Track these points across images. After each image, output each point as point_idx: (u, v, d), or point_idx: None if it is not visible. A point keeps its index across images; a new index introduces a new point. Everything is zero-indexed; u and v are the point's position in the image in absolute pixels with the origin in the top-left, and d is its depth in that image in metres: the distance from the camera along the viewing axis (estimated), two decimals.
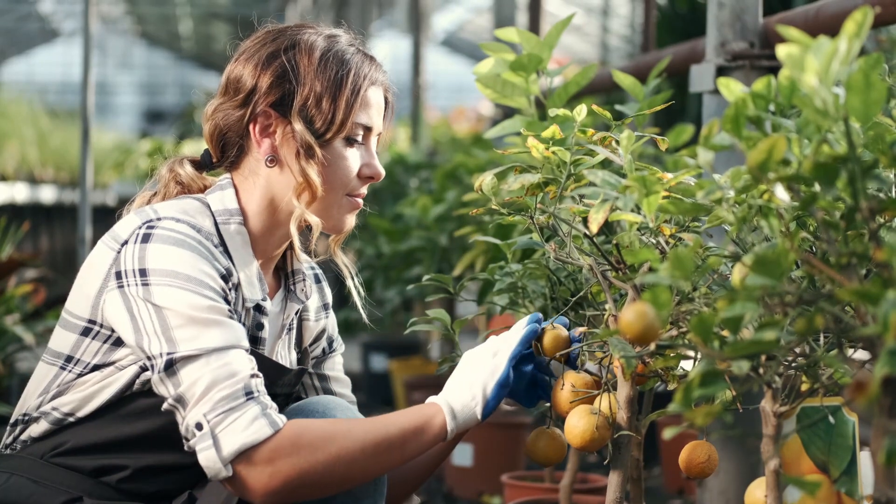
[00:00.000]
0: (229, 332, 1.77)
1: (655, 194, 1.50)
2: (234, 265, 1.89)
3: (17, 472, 1.87)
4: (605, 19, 10.79)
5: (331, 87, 1.90)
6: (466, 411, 1.84)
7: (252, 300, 1.91)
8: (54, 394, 1.87)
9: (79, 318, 1.86)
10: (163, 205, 1.88)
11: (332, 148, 1.90)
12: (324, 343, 2.14)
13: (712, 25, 2.72)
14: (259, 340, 1.94)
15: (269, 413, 1.75)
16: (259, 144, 1.92)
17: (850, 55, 1.24)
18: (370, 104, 1.94)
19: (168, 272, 1.77)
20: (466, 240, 3.41)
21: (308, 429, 1.76)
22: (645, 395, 1.88)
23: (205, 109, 1.97)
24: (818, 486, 1.26)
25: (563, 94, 2.42)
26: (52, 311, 4.44)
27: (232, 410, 1.73)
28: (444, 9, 15.06)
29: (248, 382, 1.75)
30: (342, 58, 1.92)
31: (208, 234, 1.85)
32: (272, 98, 1.90)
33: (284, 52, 1.91)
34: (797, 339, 1.32)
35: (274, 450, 1.73)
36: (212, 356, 1.75)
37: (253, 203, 1.93)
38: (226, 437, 1.72)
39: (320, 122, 1.89)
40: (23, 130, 10.12)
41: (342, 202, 1.93)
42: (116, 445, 1.86)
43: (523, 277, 2.13)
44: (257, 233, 1.94)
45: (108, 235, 1.86)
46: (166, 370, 1.75)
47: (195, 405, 1.74)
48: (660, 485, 3.86)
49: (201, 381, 1.73)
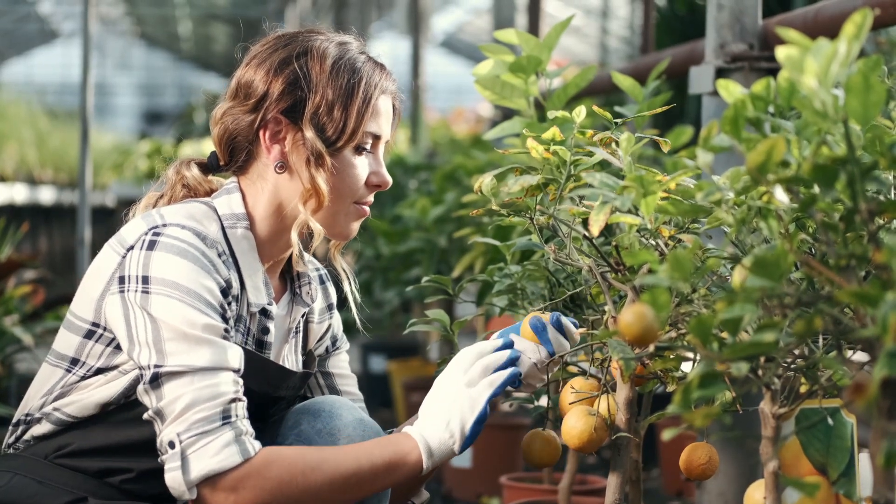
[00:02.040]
0: (219, 353, 1.77)
1: (653, 195, 1.50)
2: (240, 270, 1.89)
3: (20, 471, 1.87)
4: (604, 21, 10.80)
5: (343, 96, 1.89)
6: (443, 448, 1.84)
7: (257, 305, 1.91)
8: (57, 395, 1.88)
9: (83, 321, 1.86)
10: (169, 209, 1.88)
11: (341, 156, 1.90)
12: (327, 342, 2.14)
13: (711, 27, 2.72)
14: (265, 344, 1.95)
15: (242, 440, 1.76)
16: (269, 150, 1.91)
17: (849, 57, 1.24)
18: (380, 113, 1.93)
19: (168, 282, 1.77)
20: (465, 241, 3.40)
21: (278, 460, 1.77)
22: (644, 396, 1.88)
23: (213, 112, 1.97)
24: (817, 488, 1.26)
25: (563, 96, 2.42)
26: (51, 313, 4.44)
27: (205, 434, 1.74)
28: (443, 10, 15.07)
29: (227, 407, 1.76)
30: (354, 66, 1.92)
31: (213, 242, 1.84)
32: (283, 105, 1.90)
33: (296, 58, 1.91)
34: (796, 340, 1.32)
35: (240, 479, 1.74)
36: (197, 375, 1.75)
37: (260, 208, 1.93)
38: (195, 460, 1.73)
39: (331, 131, 1.89)
40: (22, 131, 10.12)
41: (349, 210, 1.93)
42: (121, 449, 1.87)
43: (522, 279, 2.13)
44: (264, 237, 1.94)
45: (114, 239, 1.87)
46: (151, 382, 1.76)
47: (172, 422, 1.75)
48: (659, 486, 3.86)
49: (182, 399, 1.74)
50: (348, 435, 1.93)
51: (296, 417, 1.96)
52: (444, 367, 2.01)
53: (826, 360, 1.36)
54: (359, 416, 1.97)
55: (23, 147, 9.93)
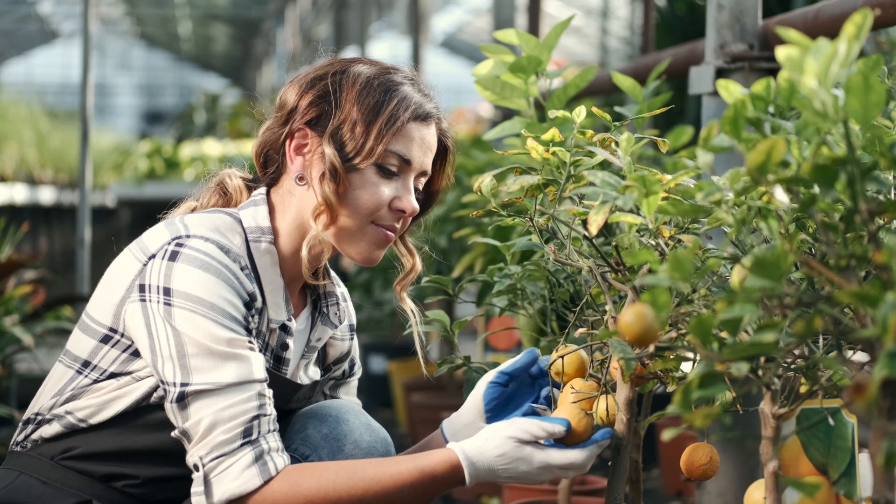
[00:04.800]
0: (245, 367, 1.77)
1: (655, 194, 1.50)
2: (261, 286, 1.88)
3: (26, 471, 1.88)
4: (604, 21, 10.79)
5: (368, 114, 1.88)
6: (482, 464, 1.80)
7: (277, 321, 1.90)
8: (68, 397, 1.87)
9: (100, 325, 1.86)
10: (194, 219, 1.87)
11: (361, 174, 1.87)
12: (345, 365, 2.13)
13: (711, 27, 2.72)
14: (283, 360, 1.94)
15: (264, 459, 1.76)
16: (292, 161, 1.91)
17: (849, 57, 1.24)
18: (411, 137, 1.90)
19: (192, 297, 1.77)
20: (465, 241, 3.40)
21: (302, 480, 1.77)
22: (644, 396, 1.88)
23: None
24: (817, 488, 1.26)
25: (563, 96, 2.42)
26: (51, 313, 4.44)
27: (226, 457, 1.75)
28: (443, 10, 15.06)
29: (249, 426, 1.76)
30: (387, 87, 1.90)
31: (236, 256, 1.83)
32: (308, 116, 1.89)
33: (332, 76, 1.91)
34: (796, 340, 1.32)
35: (261, 500, 1.75)
36: (222, 393, 1.76)
37: (285, 223, 1.92)
38: (217, 484, 1.75)
39: (351, 147, 1.87)
40: (22, 131, 10.12)
41: (367, 230, 1.90)
42: (128, 455, 1.87)
43: (522, 279, 2.13)
44: (287, 253, 1.93)
45: (135, 245, 1.86)
46: (178, 402, 1.77)
47: (196, 444, 1.76)
48: (658, 486, 3.86)
49: (205, 420, 1.75)
50: (354, 441, 1.92)
51: (302, 422, 1.95)
52: (445, 367, 2.01)
53: (826, 360, 1.36)
54: (366, 421, 1.96)
55: (23, 147, 9.93)
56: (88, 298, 2.02)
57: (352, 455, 1.92)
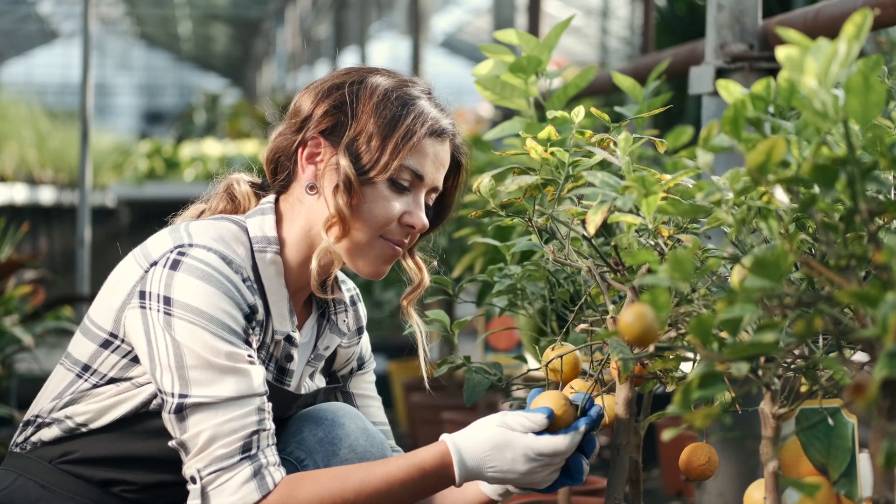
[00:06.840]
0: (244, 381, 1.77)
1: (654, 195, 1.50)
2: (266, 297, 1.87)
3: (25, 473, 1.88)
4: (604, 21, 10.79)
5: (384, 127, 1.85)
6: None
7: (282, 332, 1.89)
8: (67, 401, 1.87)
9: (100, 329, 1.85)
10: (198, 227, 1.85)
11: (374, 187, 1.85)
12: (353, 363, 2.12)
13: (711, 27, 2.72)
14: (287, 372, 1.93)
15: (262, 473, 1.76)
16: (303, 169, 1.89)
17: (849, 57, 1.24)
18: (425, 153, 1.88)
19: (192, 308, 1.76)
20: (465, 241, 3.40)
21: (298, 491, 1.76)
22: (644, 396, 1.87)
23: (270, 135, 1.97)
24: (817, 488, 1.26)
25: (563, 96, 2.41)
26: (51, 313, 4.43)
27: (224, 471, 1.75)
28: (443, 10, 15.06)
29: (248, 441, 1.76)
30: (405, 101, 1.88)
31: (238, 268, 1.81)
32: (323, 125, 1.87)
33: (349, 85, 1.89)
34: (796, 341, 1.32)
35: None
36: (221, 407, 1.75)
37: (293, 232, 1.90)
38: (214, 497, 1.75)
39: (366, 160, 1.85)
40: (22, 131, 10.12)
41: (375, 244, 1.87)
42: (127, 461, 1.87)
43: (522, 279, 2.13)
44: (293, 263, 1.91)
45: (139, 250, 1.85)
46: (176, 413, 1.76)
47: (194, 456, 1.76)
48: (658, 486, 3.87)
49: (204, 433, 1.75)
50: (350, 445, 1.91)
51: (298, 424, 1.94)
52: (445, 367, 2.00)
53: (826, 360, 1.36)
54: (362, 424, 1.95)
55: (23, 147, 9.93)
56: (88, 298, 2.02)
57: (347, 459, 1.91)
